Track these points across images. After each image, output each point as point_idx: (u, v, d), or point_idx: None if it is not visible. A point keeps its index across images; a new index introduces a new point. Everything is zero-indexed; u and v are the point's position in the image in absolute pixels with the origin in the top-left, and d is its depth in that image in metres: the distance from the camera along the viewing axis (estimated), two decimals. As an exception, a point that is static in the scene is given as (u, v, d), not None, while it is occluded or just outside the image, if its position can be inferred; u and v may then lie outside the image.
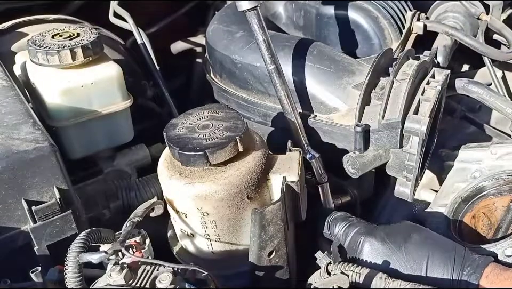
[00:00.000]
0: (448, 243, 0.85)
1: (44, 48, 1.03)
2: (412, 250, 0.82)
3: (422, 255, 0.82)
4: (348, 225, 0.91)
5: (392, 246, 0.83)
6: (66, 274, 0.71)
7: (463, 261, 0.81)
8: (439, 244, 0.84)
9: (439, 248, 0.83)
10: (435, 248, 0.83)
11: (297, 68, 1.08)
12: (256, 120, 1.16)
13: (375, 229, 0.88)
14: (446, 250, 0.83)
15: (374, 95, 1.01)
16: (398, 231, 0.86)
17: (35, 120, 0.91)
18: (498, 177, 1.04)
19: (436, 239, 0.86)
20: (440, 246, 0.84)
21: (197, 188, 0.81)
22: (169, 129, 0.87)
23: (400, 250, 0.83)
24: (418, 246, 0.83)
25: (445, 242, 0.86)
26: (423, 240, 0.84)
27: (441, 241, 0.86)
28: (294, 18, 1.38)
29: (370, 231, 0.87)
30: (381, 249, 0.84)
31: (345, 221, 0.92)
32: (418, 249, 0.83)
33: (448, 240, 0.87)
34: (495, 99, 1.09)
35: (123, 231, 0.79)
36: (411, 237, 0.84)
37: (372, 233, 0.86)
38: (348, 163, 1.01)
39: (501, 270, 0.80)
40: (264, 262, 0.85)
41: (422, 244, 0.83)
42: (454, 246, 0.84)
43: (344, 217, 0.94)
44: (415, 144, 0.95)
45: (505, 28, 1.31)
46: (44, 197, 0.85)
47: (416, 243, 0.83)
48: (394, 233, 0.85)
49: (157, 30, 1.71)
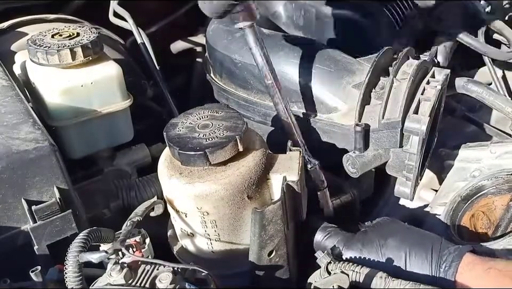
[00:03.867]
0: (425, 239, 0.85)
1: (43, 48, 1.03)
2: (388, 257, 0.83)
3: (399, 258, 0.83)
4: (326, 238, 0.92)
5: (369, 256, 0.85)
6: (66, 273, 0.71)
7: (438, 256, 0.81)
8: (415, 243, 0.84)
9: (414, 248, 0.83)
10: (411, 248, 0.83)
11: (297, 68, 1.08)
12: (256, 119, 1.16)
13: (352, 239, 0.88)
14: (423, 248, 0.83)
15: (374, 94, 1.01)
16: (374, 237, 0.87)
17: (35, 119, 0.91)
18: (498, 176, 1.04)
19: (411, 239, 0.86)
20: (416, 245, 0.84)
21: (197, 188, 0.81)
22: (169, 129, 0.87)
23: (377, 258, 0.84)
24: (394, 250, 0.84)
25: (421, 239, 0.86)
26: (399, 243, 0.84)
27: (417, 239, 0.86)
28: (294, 18, 1.38)
29: (347, 244, 0.88)
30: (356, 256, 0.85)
31: (323, 232, 0.93)
32: (395, 253, 0.83)
33: (426, 234, 0.87)
34: (494, 98, 1.09)
35: (123, 231, 0.79)
36: (387, 242, 0.85)
37: (349, 246, 0.87)
38: (348, 163, 1.01)
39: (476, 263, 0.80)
40: (264, 262, 0.85)
41: (398, 248, 0.84)
42: (431, 241, 0.85)
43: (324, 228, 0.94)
44: (415, 143, 0.95)
45: (505, 28, 1.31)
46: (44, 196, 0.85)
47: (392, 248, 0.84)
48: (370, 242, 0.86)
49: (157, 30, 1.71)
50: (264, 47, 0.94)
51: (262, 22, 1.31)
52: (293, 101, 1.10)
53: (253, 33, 0.92)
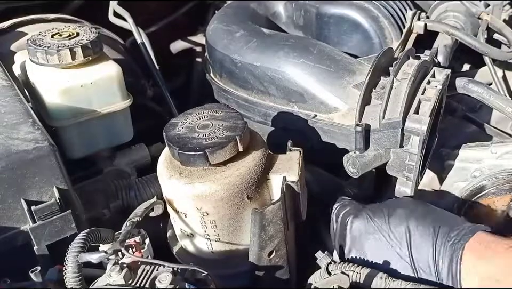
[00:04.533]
0: (439, 215, 0.84)
1: (43, 48, 1.03)
2: (395, 225, 0.83)
3: (404, 227, 0.82)
4: (339, 207, 0.92)
5: (378, 223, 0.84)
6: (66, 274, 0.71)
7: (449, 229, 0.79)
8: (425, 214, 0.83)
9: (422, 218, 0.82)
10: (419, 218, 0.82)
11: (297, 67, 1.08)
12: (256, 119, 1.15)
13: (363, 209, 0.88)
14: (432, 219, 0.82)
15: (374, 94, 1.01)
16: (384, 207, 0.87)
17: (34, 119, 0.91)
18: (499, 176, 1.04)
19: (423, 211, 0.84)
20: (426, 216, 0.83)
21: (197, 188, 0.81)
22: (168, 129, 0.87)
23: (384, 225, 0.83)
24: (400, 219, 0.83)
25: (434, 212, 0.85)
26: (407, 213, 0.83)
27: (429, 212, 0.84)
28: (294, 17, 1.38)
29: (358, 212, 0.88)
30: (366, 228, 0.85)
31: (338, 202, 0.93)
32: (402, 222, 0.82)
33: (443, 212, 0.85)
34: (495, 98, 1.08)
35: (123, 231, 0.79)
36: (395, 211, 0.84)
37: (359, 214, 0.87)
38: (348, 163, 1.00)
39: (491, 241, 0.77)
40: (264, 262, 0.85)
41: (405, 217, 0.83)
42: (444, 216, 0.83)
43: (340, 199, 0.95)
44: (415, 143, 0.95)
45: (505, 28, 1.31)
46: (44, 196, 0.85)
47: (400, 217, 0.83)
48: (380, 210, 0.86)
49: (156, 30, 1.71)
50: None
51: (262, 22, 1.31)
52: (293, 101, 1.10)
53: None
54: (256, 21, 1.28)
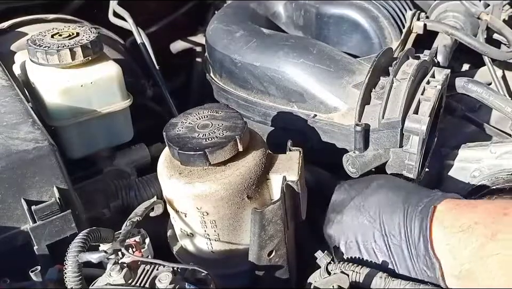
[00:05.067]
0: (412, 187, 0.87)
1: (43, 48, 1.03)
2: (368, 194, 0.86)
3: (377, 197, 0.85)
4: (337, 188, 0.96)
5: (354, 194, 0.89)
6: (66, 273, 0.71)
7: (422, 197, 0.82)
8: (399, 186, 0.87)
9: (398, 190, 0.85)
10: (393, 190, 0.85)
11: (297, 67, 1.08)
12: (256, 119, 1.16)
13: (343, 182, 0.94)
14: (407, 191, 0.85)
15: (374, 94, 1.01)
16: (362, 181, 0.92)
17: (34, 119, 0.91)
18: (498, 176, 1.04)
19: (399, 183, 0.88)
20: (400, 188, 0.86)
21: (197, 188, 0.81)
22: (168, 129, 0.87)
23: (360, 196, 0.87)
24: (374, 190, 0.87)
25: (408, 186, 0.88)
26: (383, 183, 0.87)
27: (403, 184, 0.88)
28: (294, 17, 1.38)
29: (338, 187, 0.94)
30: (344, 199, 0.90)
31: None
32: (375, 192, 0.86)
33: (417, 186, 0.89)
34: (494, 98, 1.09)
35: (123, 231, 0.79)
36: (372, 183, 0.89)
37: (339, 187, 0.93)
38: (347, 162, 1.00)
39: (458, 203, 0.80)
40: (264, 262, 0.85)
41: (379, 187, 0.87)
42: (418, 188, 0.86)
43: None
44: (415, 143, 0.95)
45: (505, 28, 1.31)
46: (44, 196, 0.85)
47: (374, 187, 0.87)
48: (357, 183, 0.91)
49: (156, 30, 1.71)
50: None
51: (262, 22, 1.31)
52: (293, 101, 1.10)
53: None
54: (256, 21, 1.29)
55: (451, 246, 0.74)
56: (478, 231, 0.73)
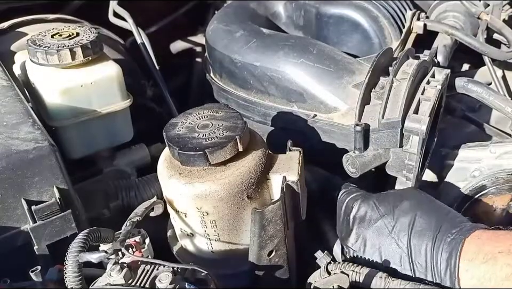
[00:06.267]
0: (443, 211, 0.85)
1: (43, 48, 1.03)
2: (399, 216, 0.84)
3: (408, 220, 0.83)
4: (345, 193, 0.93)
5: (382, 212, 0.86)
6: (66, 273, 0.71)
7: (452, 226, 0.80)
8: (432, 212, 0.84)
9: (429, 215, 0.83)
10: (424, 215, 0.83)
11: (297, 67, 1.08)
12: (256, 119, 1.16)
13: (370, 196, 0.90)
14: (438, 217, 0.83)
15: (374, 94, 1.01)
16: (391, 198, 0.88)
17: (35, 119, 0.91)
18: (498, 176, 1.04)
19: (430, 207, 0.86)
20: (432, 214, 0.84)
21: (197, 188, 0.81)
22: (168, 129, 0.87)
23: (389, 215, 0.85)
24: (406, 212, 0.84)
25: (439, 210, 0.85)
26: (414, 205, 0.85)
27: (435, 209, 0.85)
28: (294, 17, 1.38)
29: (365, 198, 0.89)
30: (371, 215, 0.87)
31: (344, 189, 0.95)
32: (406, 215, 0.84)
33: (448, 210, 0.86)
34: (494, 98, 1.09)
35: (123, 231, 0.78)
36: (402, 203, 0.86)
37: (365, 200, 0.89)
38: (347, 162, 1.00)
39: (491, 234, 0.78)
40: (264, 262, 0.85)
41: (411, 210, 0.84)
42: (449, 213, 0.84)
43: (346, 185, 0.97)
44: (415, 143, 0.95)
45: (505, 27, 1.31)
46: (44, 196, 0.85)
47: (405, 209, 0.85)
48: (386, 200, 0.88)
49: (156, 30, 1.71)
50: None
51: (262, 22, 1.31)
52: (293, 101, 1.10)
53: None
54: (256, 21, 1.29)
55: (476, 280, 0.74)
56: (502, 261, 0.73)
